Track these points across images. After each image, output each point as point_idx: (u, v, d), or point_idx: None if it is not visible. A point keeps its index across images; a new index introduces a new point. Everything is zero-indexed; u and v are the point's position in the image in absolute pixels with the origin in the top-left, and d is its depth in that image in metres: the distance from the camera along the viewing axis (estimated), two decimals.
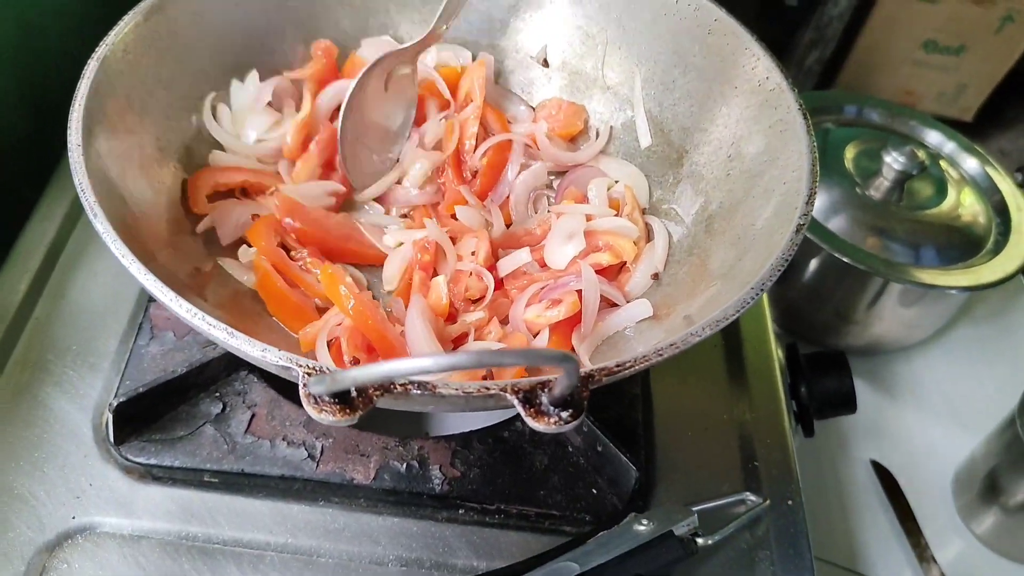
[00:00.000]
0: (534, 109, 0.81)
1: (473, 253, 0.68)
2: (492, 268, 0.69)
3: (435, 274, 0.67)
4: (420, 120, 0.76)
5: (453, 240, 0.71)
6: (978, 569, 0.96)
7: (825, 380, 0.80)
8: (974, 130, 2.42)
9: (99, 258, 0.75)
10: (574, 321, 0.66)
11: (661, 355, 0.49)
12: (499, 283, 0.69)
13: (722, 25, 0.70)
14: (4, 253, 0.74)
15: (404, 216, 0.73)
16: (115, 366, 0.68)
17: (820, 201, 1.04)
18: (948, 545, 0.98)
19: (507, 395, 0.45)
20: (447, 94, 0.77)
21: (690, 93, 0.73)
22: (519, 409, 0.45)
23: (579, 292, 0.66)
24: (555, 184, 0.79)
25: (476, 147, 0.76)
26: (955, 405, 1.10)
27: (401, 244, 0.70)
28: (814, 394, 0.80)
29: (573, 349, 0.65)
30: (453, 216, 0.73)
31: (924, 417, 1.08)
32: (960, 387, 1.11)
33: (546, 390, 0.45)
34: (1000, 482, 0.95)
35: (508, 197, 0.76)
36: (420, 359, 0.35)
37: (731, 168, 0.68)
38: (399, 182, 0.75)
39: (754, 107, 0.67)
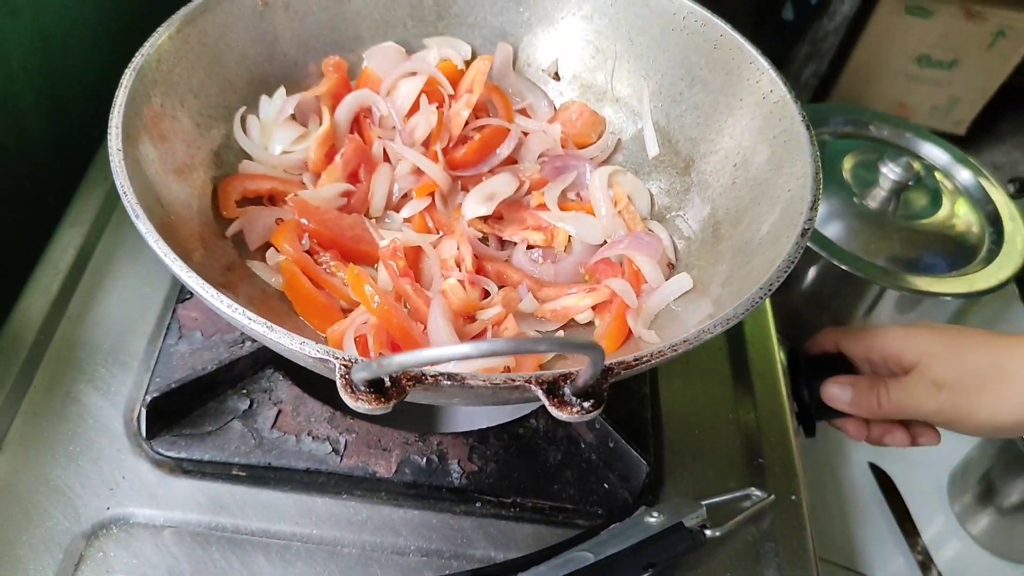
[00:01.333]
0: (556, 109, 0.85)
1: (457, 263, 0.71)
2: (481, 270, 0.72)
3: (418, 279, 0.70)
4: (412, 112, 0.79)
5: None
6: (975, 569, 0.99)
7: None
8: (967, 143, 2.46)
9: (127, 262, 0.78)
10: (620, 305, 0.69)
11: (675, 350, 0.52)
12: (502, 278, 0.73)
13: (727, 40, 0.73)
14: (35, 258, 0.77)
15: (409, 221, 0.76)
16: (144, 364, 0.70)
17: (818, 210, 1.07)
18: (945, 546, 1.01)
19: (531, 386, 0.48)
20: (449, 89, 0.79)
21: (697, 105, 0.76)
22: (543, 399, 0.48)
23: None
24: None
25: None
26: None
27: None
28: (815, 395, 0.82)
29: (631, 331, 0.68)
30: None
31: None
32: None
33: (568, 382, 0.48)
34: (995, 484, 0.98)
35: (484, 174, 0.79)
36: (460, 346, 0.38)
37: (737, 177, 0.71)
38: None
39: (759, 119, 0.70)
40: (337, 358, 0.48)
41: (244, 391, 0.69)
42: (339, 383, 0.46)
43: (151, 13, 0.69)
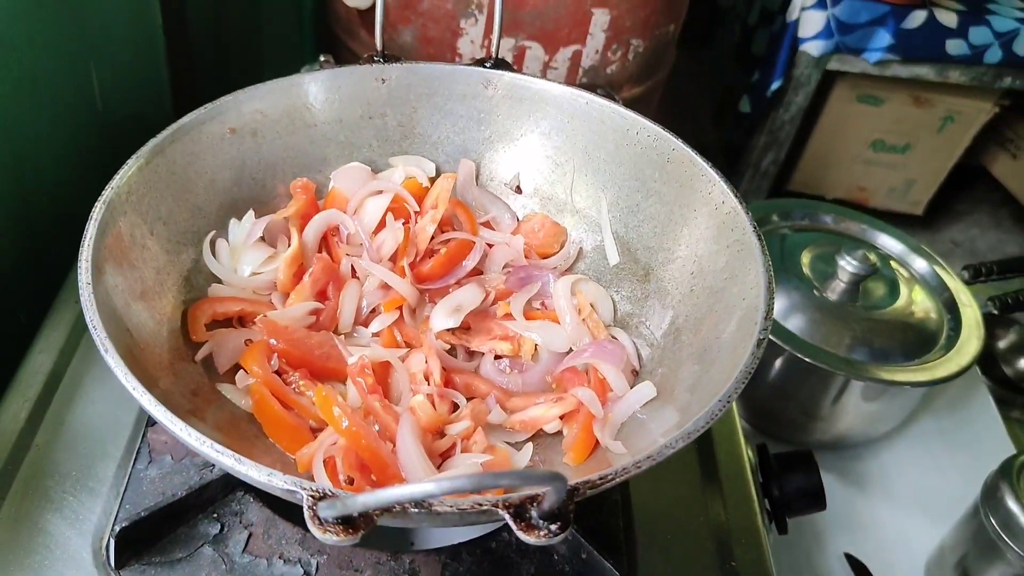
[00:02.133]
0: (519, 220, 0.87)
1: (426, 376, 0.72)
2: (450, 383, 0.73)
3: (387, 394, 0.71)
4: (379, 228, 0.81)
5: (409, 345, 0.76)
6: None
7: (794, 479, 0.84)
8: (925, 223, 2.54)
9: (97, 385, 0.78)
10: (587, 415, 0.70)
11: (639, 467, 0.53)
12: (470, 390, 0.74)
13: (679, 154, 0.76)
14: (4, 381, 0.77)
15: (377, 335, 0.77)
16: (114, 490, 0.70)
17: (781, 303, 1.10)
18: None
19: (499, 510, 0.49)
20: (415, 206, 0.82)
21: (653, 215, 0.79)
22: (511, 523, 0.48)
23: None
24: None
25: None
26: (922, 495, 1.14)
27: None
28: (785, 492, 0.83)
29: (598, 442, 0.69)
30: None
31: (894, 508, 1.12)
32: (926, 477, 1.16)
33: (535, 504, 0.49)
34: (970, 571, 0.99)
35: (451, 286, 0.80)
36: (423, 485, 0.39)
37: (695, 284, 0.74)
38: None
39: (713, 228, 0.73)
40: (304, 489, 0.48)
41: (215, 515, 0.68)
42: (307, 515, 0.47)
43: (121, 134, 0.71)
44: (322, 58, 1.05)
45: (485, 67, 0.84)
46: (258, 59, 1.55)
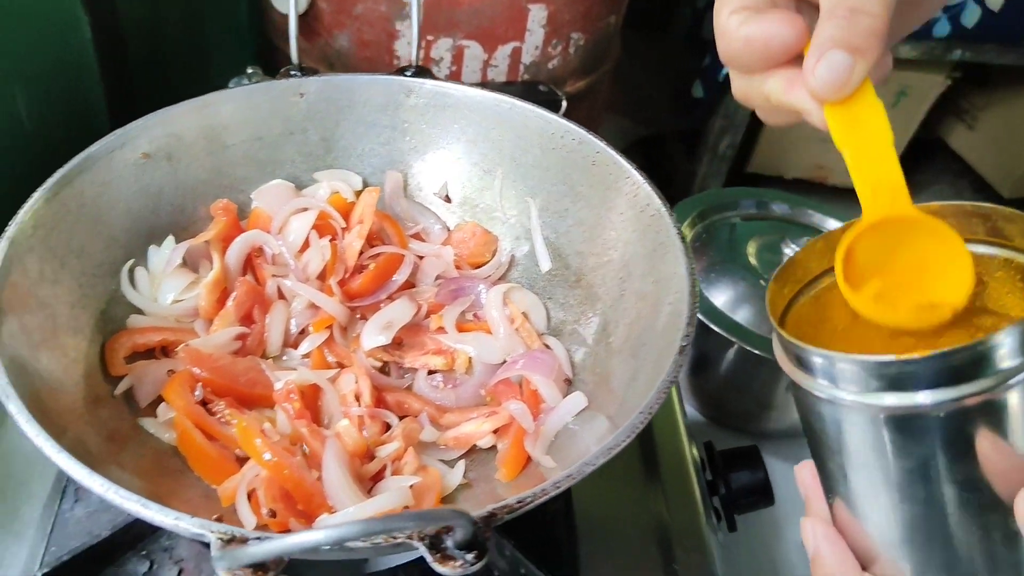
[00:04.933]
0: (450, 230, 0.86)
1: (356, 397, 0.70)
2: (381, 402, 0.72)
3: (316, 419, 0.69)
4: (305, 247, 0.79)
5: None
6: None
7: (740, 475, 0.83)
8: None
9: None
10: (518, 430, 0.69)
11: (559, 487, 0.52)
12: (403, 408, 0.73)
13: (604, 157, 0.75)
14: None
15: (308, 356, 0.75)
16: (40, 532, 0.68)
17: (727, 295, 1.09)
18: None
19: (414, 542, 0.48)
20: (341, 222, 0.81)
21: (581, 220, 0.78)
22: (426, 555, 0.47)
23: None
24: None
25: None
26: None
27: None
28: (732, 490, 0.83)
29: (529, 457, 0.68)
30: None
31: None
32: None
33: (451, 533, 0.48)
34: None
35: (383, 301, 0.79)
36: (310, 534, 0.38)
37: (624, 289, 0.73)
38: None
39: (638, 231, 0.72)
40: (214, 532, 0.47)
41: (143, 552, 0.67)
42: (214, 559, 0.45)
43: (55, 155, 0.69)
44: (249, 70, 1.03)
45: (406, 76, 0.82)
46: (201, 70, 1.52)
